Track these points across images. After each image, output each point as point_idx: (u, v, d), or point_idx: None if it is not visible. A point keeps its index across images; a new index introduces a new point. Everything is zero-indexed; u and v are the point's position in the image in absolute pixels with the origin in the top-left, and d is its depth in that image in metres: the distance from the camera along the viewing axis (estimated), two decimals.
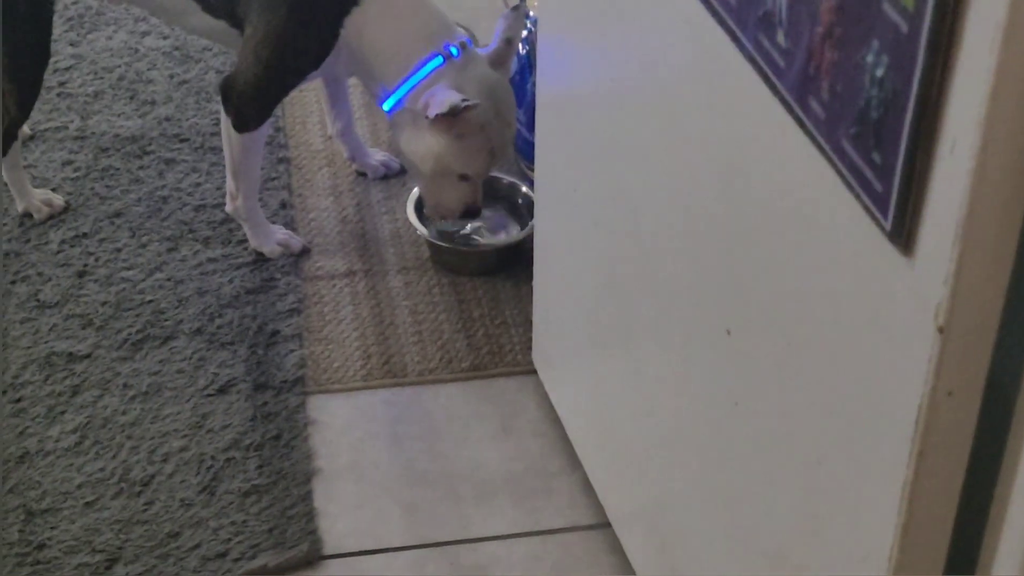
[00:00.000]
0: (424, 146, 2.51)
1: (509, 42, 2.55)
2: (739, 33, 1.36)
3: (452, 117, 2.43)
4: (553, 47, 2.07)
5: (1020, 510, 1.13)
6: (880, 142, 1.12)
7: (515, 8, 2.57)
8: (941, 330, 1.10)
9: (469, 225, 2.71)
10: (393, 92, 2.51)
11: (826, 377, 1.32)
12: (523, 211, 2.77)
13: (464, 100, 2.40)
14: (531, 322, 2.43)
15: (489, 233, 2.76)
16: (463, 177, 2.53)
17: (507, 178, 2.83)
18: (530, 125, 2.77)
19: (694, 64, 1.53)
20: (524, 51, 2.79)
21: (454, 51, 2.49)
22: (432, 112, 2.42)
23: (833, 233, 1.25)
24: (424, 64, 2.49)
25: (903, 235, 1.12)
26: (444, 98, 2.41)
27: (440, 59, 2.48)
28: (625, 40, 1.75)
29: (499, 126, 2.51)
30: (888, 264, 1.16)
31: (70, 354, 2.47)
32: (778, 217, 1.37)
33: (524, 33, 2.79)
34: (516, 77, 2.81)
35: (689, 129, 1.57)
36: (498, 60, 2.55)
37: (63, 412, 2.36)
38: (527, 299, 2.51)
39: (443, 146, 2.49)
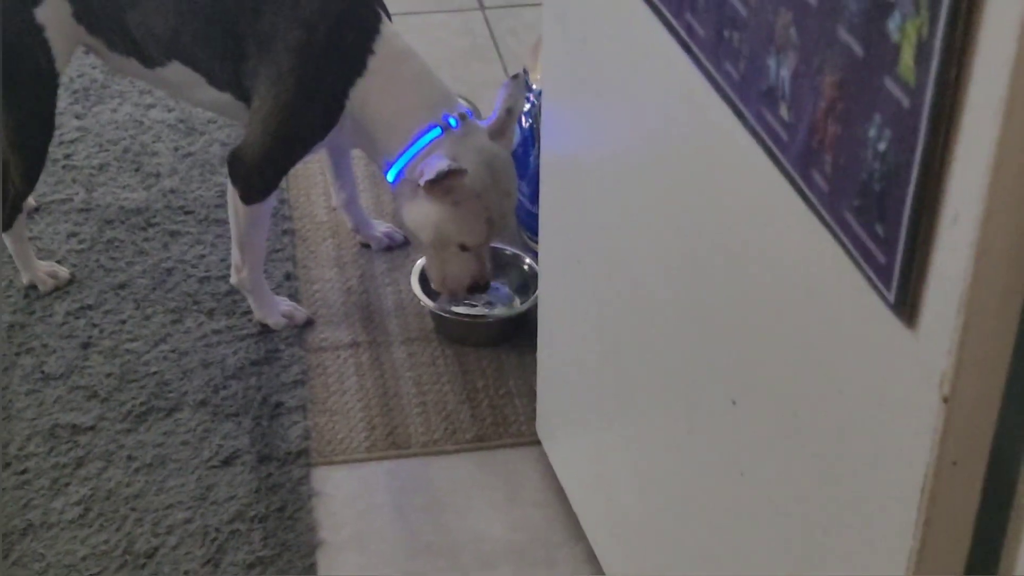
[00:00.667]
0: (422, 215, 2.52)
1: (509, 112, 2.57)
2: (742, 107, 1.37)
3: (446, 184, 2.45)
4: (557, 118, 2.09)
5: None
6: (883, 215, 1.13)
7: (515, 77, 2.60)
8: (946, 400, 1.11)
9: (480, 303, 2.73)
10: (394, 163, 2.54)
11: (832, 447, 1.33)
12: (527, 283, 2.79)
13: (452, 164, 2.42)
14: (535, 393, 2.44)
15: (493, 305, 2.77)
16: (464, 248, 2.55)
17: (511, 249, 2.84)
18: (533, 197, 2.79)
19: (697, 137, 1.54)
20: (527, 124, 2.82)
21: (453, 122, 2.51)
22: (424, 180, 2.44)
23: (837, 304, 1.26)
24: (423, 135, 2.51)
25: (906, 306, 1.14)
26: (435, 165, 2.43)
27: (438, 130, 2.51)
28: (628, 112, 1.77)
29: (497, 195, 2.52)
30: (892, 335, 1.17)
31: (74, 426, 2.47)
32: (782, 288, 1.38)
33: (527, 106, 2.81)
34: (519, 149, 2.83)
35: (692, 201, 1.58)
36: (498, 130, 2.57)
37: (67, 484, 2.36)
38: (531, 370, 2.52)
39: (439, 214, 2.51)
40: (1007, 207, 1.02)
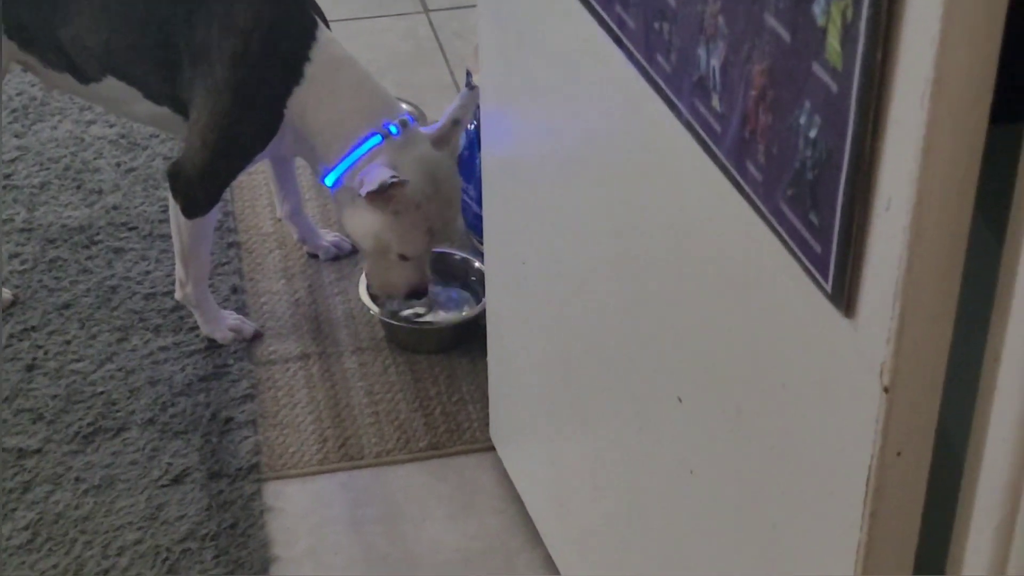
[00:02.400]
0: (362, 224, 2.51)
1: (455, 123, 2.55)
2: (675, 99, 1.36)
3: (387, 195, 2.43)
4: (496, 119, 2.08)
5: (974, 569, 1.12)
6: (816, 203, 1.12)
7: (471, 88, 2.58)
8: (887, 390, 1.10)
9: (419, 307, 2.71)
10: (333, 169, 2.52)
11: (777, 441, 1.32)
12: (477, 287, 2.77)
13: (393, 177, 2.40)
14: (488, 398, 2.42)
15: (443, 310, 2.75)
16: (403, 257, 2.53)
17: (460, 254, 2.83)
18: (480, 200, 2.78)
19: (633, 132, 1.53)
20: (473, 126, 2.80)
21: (393, 129, 2.49)
22: (364, 190, 2.42)
23: (776, 296, 1.25)
24: (363, 143, 2.49)
25: (844, 295, 1.12)
26: (375, 175, 2.41)
27: (379, 137, 2.48)
28: (566, 110, 1.75)
29: (438, 205, 2.50)
30: (831, 325, 1.16)
31: (20, 449, 2.44)
32: (722, 282, 1.37)
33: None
34: (464, 152, 2.82)
35: (631, 197, 1.57)
36: (441, 139, 2.54)
37: (14, 509, 2.33)
38: (483, 375, 2.51)
39: (380, 224, 2.49)
40: (939, 191, 1.01)
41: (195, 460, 2.42)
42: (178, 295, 2.67)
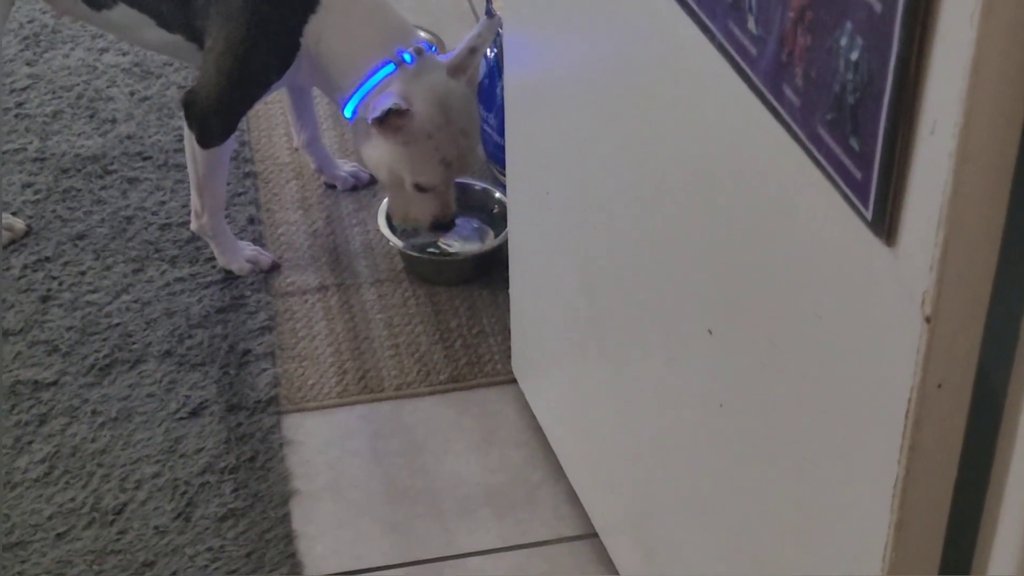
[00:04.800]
0: (376, 154, 2.50)
1: (472, 51, 2.52)
2: (708, 22, 1.34)
3: (394, 124, 2.41)
4: (519, 42, 2.05)
5: (1015, 506, 1.11)
6: (857, 127, 1.10)
7: (489, 16, 2.55)
8: (928, 320, 1.08)
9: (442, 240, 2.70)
10: (349, 100, 2.50)
11: (812, 374, 1.30)
12: (498, 218, 2.75)
13: (396, 104, 2.38)
14: (509, 330, 2.41)
15: (464, 241, 2.73)
16: (420, 188, 2.51)
17: (480, 184, 2.80)
18: (501, 129, 2.75)
19: (664, 56, 1.51)
20: (492, 54, 2.77)
21: (407, 57, 2.46)
22: (370, 118, 2.41)
23: (813, 224, 1.23)
24: (376, 71, 2.47)
25: (885, 223, 1.10)
26: (381, 104, 2.39)
27: (392, 66, 2.46)
28: (592, 33, 1.73)
29: (451, 134, 2.47)
30: (871, 254, 1.14)
31: (36, 382, 2.44)
32: (756, 210, 1.35)
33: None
34: (485, 81, 2.79)
35: (661, 123, 1.55)
36: (457, 68, 2.51)
37: (30, 442, 2.33)
38: (505, 307, 2.49)
39: (391, 154, 2.47)
40: (987, 113, 0.99)
41: (213, 393, 2.41)
42: (194, 226, 2.65)
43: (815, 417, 1.31)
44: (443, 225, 2.58)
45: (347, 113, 2.51)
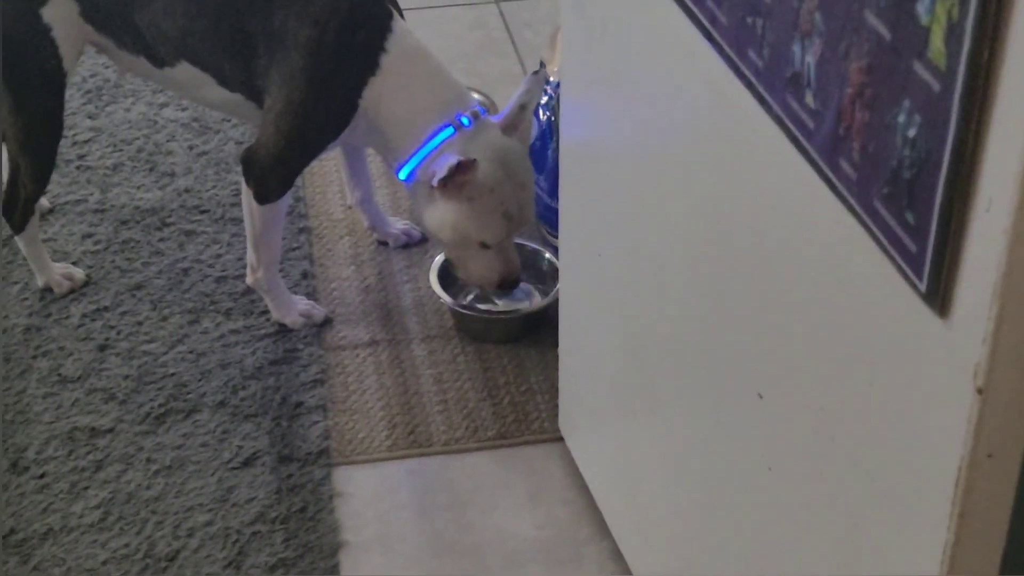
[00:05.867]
0: (439, 216, 2.51)
1: (523, 108, 2.55)
2: (766, 95, 1.36)
3: (458, 181, 2.44)
4: (576, 109, 2.08)
5: None
6: (913, 202, 1.12)
7: (535, 73, 2.58)
8: (980, 391, 1.10)
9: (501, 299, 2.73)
10: (406, 163, 2.53)
11: (862, 440, 1.31)
12: (547, 278, 2.78)
13: (461, 157, 2.41)
14: (557, 389, 2.43)
15: (513, 301, 2.75)
16: (484, 245, 2.53)
17: (530, 245, 2.83)
18: (552, 191, 2.78)
19: (720, 126, 1.53)
20: (545, 117, 2.80)
21: (465, 121, 2.50)
22: (436, 180, 2.43)
23: (867, 295, 1.25)
24: (435, 135, 2.50)
25: (939, 295, 1.12)
26: (446, 163, 2.42)
27: (451, 129, 2.49)
28: (649, 102, 1.75)
29: (511, 187, 2.50)
30: (924, 325, 1.15)
31: (93, 429, 2.47)
32: (809, 279, 1.36)
33: (544, 99, 2.80)
34: (536, 143, 2.82)
35: (715, 192, 1.57)
36: (510, 125, 2.55)
37: (86, 488, 2.35)
38: (552, 366, 2.51)
39: (456, 212, 2.49)
40: None
41: (265, 443, 2.43)
42: (249, 279, 2.68)
43: (865, 483, 1.32)
44: (511, 282, 2.60)
45: (403, 175, 2.54)
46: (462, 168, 2.41)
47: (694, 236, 1.67)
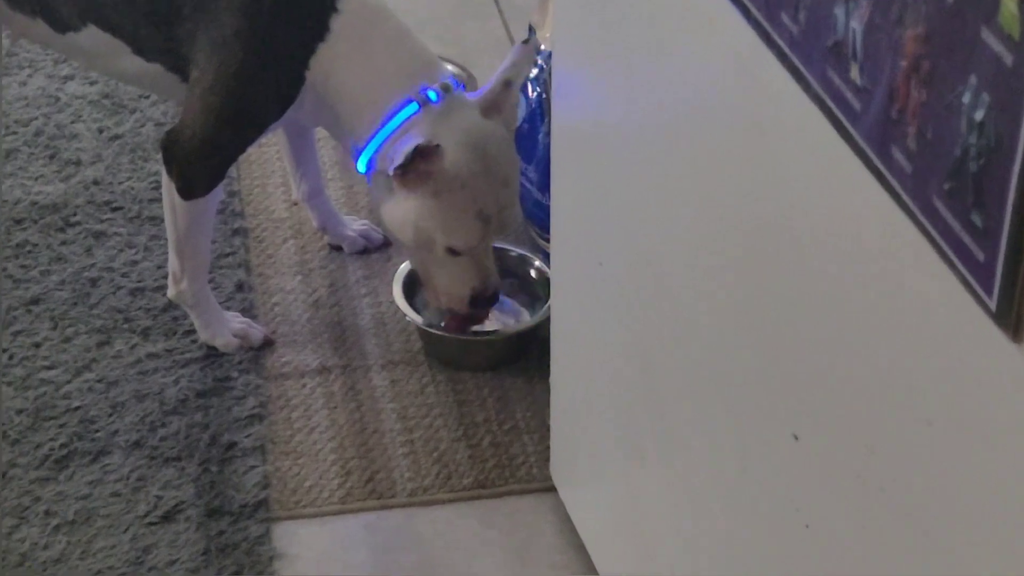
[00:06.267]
0: (398, 212, 2.51)
1: (507, 84, 2.55)
2: (802, 67, 1.36)
3: (421, 170, 2.43)
4: (572, 85, 2.08)
5: None
6: (981, 200, 1.12)
7: (524, 42, 2.58)
8: None
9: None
10: (364, 148, 2.53)
11: (920, 491, 1.31)
12: (536, 291, 2.78)
13: (423, 142, 2.40)
14: (548, 427, 2.43)
15: (495, 318, 2.75)
16: (453, 252, 2.53)
17: (516, 251, 2.83)
18: (543, 185, 2.78)
19: (745, 105, 1.53)
20: (535, 94, 2.80)
21: (433, 96, 2.50)
22: (392, 167, 2.43)
23: (924, 313, 1.25)
24: (396, 112, 2.50)
25: (1012, 314, 1.12)
26: (405, 147, 2.42)
27: (415, 106, 2.49)
28: (660, 76, 1.75)
29: (489, 183, 2.50)
30: (993, 349, 1.15)
31: None
32: (855, 294, 1.36)
33: (534, 72, 2.80)
34: (524, 126, 2.82)
35: (740, 184, 1.57)
36: (492, 105, 2.55)
37: None
38: (543, 399, 2.51)
39: (417, 210, 2.49)
40: None
41: (190, 493, 2.43)
42: (171, 292, 2.68)
43: (921, 540, 1.32)
44: (485, 299, 2.59)
45: (361, 165, 2.54)
46: (423, 154, 2.41)
47: (715, 242, 1.67)
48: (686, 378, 1.81)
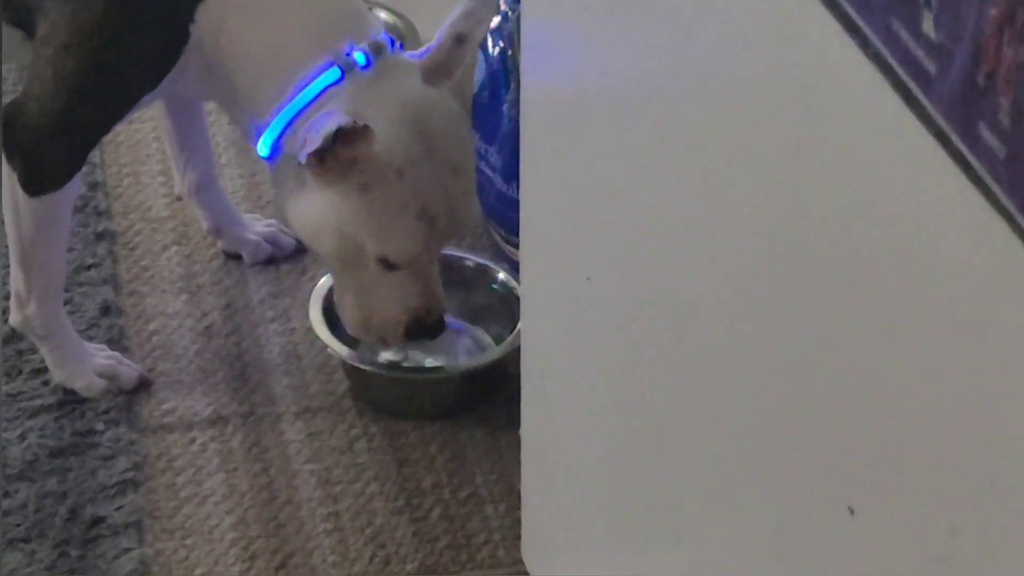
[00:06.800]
0: (313, 210, 2.51)
1: (460, 41, 2.55)
2: (857, 17, 1.35)
3: (344, 157, 2.43)
4: (546, 40, 2.08)
5: None
6: None
7: None
8: None
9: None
10: (268, 127, 2.53)
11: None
12: (501, 313, 2.77)
13: (347, 122, 2.40)
14: (518, 494, 2.43)
15: (447, 351, 2.75)
16: (386, 264, 2.52)
17: (474, 259, 2.83)
18: (509, 172, 2.78)
19: (784, 67, 1.52)
20: (498, 51, 2.80)
21: (361, 58, 2.50)
22: (306, 152, 2.42)
23: (1021, 343, 1.24)
24: (311, 81, 2.50)
25: None
26: (323, 126, 2.42)
27: (337, 72, 2.50)
28: (670, 28, 1.75)
29: (435, 172, 2.51)
30: None
31: None
32: (931, 315, 1.36)
33: (495, 21, 2.79)
34: (484, 94, 2.83)
35: (778, 173, 1.56)
36: (438, 69, 2.56)
37: None
38: (510, 456, 2.53)
39: (338, 207, 2.49)
40: None
41: None
42: (15, 319, 2.68)
43: None
44: (427, 327, 2.59)
45: (263, 149, 2.55)
46: (347, 135, 2.41)
47: (741, 242, 1.66)
48: (704, 432, 1.81)
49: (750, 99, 1.61)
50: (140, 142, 3.15)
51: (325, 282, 2.76)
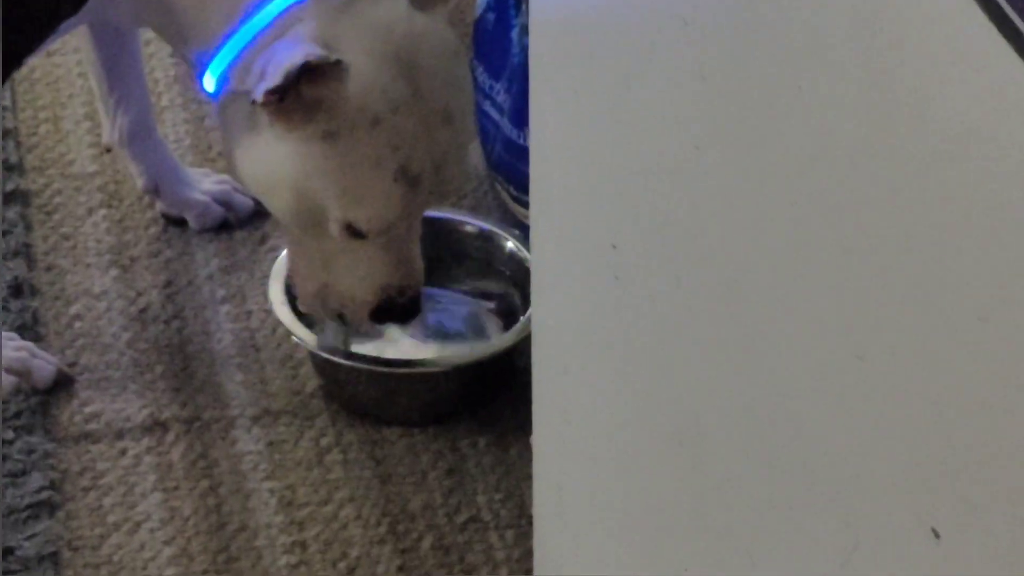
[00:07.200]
0: (267, 161, 2.52)
1: None
2: None
3: (308, 97, 2.45)
4: None
5: None
6: None
7: None
8: None
9: (397, 333, 2.71)
10: (214, 56, 2.54)
11: None
12: (509, 291, 2.76)
13: (313, 56, 2.41)
14: (529, 518, 2.43)
15: (440, 338, 2.74)
16: (355, 231, 2.52)
17: (475, 223, 2.82)
18: (519, 115, 2.77)
19: (873, 6, 1.51)
20: None
21: None
22: (260, 90, 2.43)
23: None
24: (266, 2, 2.50)
25: None
26: (285, 58, 2.41)
27: None
28: None
29: (420, 120, 2.52)
30: None
31: None
32: None
33: None
34: (490, 17, 2.82)
35: (860, 130, 1.55)
36: None
37: None
38: (521, 469, 2.53)
39: (298, 158, 2.51)
40: None
41: None
42: None
43: None
44: (400, 308, 2.59)
45: (210, 84, 2.56)
46: (313, 72, 2.42)
47: (817, 207, 1.64)
48: (757, 441, 1.80)
49: (831, 39, 1.59)
50: (60, 79, 3.16)
51: (284, 255, 2.75)
